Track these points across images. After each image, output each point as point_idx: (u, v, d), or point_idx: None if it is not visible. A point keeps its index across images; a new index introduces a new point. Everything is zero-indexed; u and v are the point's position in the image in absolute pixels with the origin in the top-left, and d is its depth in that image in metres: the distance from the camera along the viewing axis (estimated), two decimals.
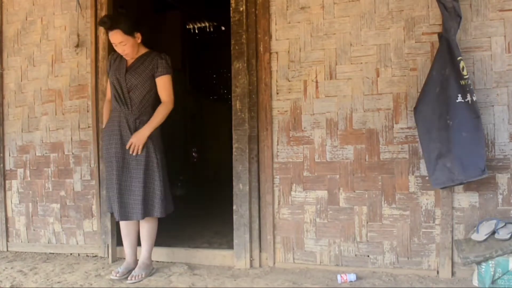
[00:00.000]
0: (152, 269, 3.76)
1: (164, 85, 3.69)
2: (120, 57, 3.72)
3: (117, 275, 3.61)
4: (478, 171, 3.15)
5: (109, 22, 3.55)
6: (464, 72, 3.20)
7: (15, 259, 4.37)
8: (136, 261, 3.77)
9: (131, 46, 3.61)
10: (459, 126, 3.17)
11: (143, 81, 3.64)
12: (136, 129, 3.62)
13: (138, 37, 3.65)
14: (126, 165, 3.61)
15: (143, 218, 3.62)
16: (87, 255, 4.13)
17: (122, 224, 3.76)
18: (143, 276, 3.61)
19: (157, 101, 3.73)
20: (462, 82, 3.18)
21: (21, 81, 4.66)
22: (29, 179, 4.61)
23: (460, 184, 3.25)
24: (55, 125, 4.48)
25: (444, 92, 3.22)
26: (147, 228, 3.72)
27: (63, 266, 4.04)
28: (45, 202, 4.54)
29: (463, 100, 3.17)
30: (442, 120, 3.22)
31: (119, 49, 3.61)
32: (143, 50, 3.72)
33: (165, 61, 3.69)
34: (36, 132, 4.58)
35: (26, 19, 4.65)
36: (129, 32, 3.57)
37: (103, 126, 3.80)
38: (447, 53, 3.24)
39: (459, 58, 3.21)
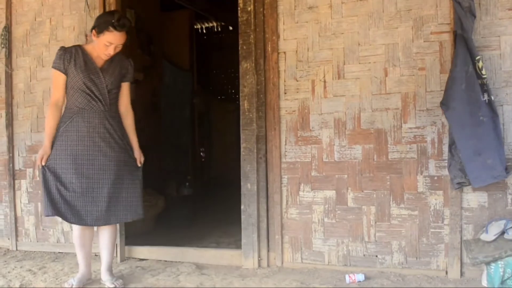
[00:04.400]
0: None
1: (128, 91, 3.65)
2: (78, 55, 3.45)
3: (72, 286, 3.48)
4: (503, 170, 3.18)
5: (128, 23, 3.42)
6: (483, 72, 3.20)
7: (24, 258, 4.40)
8: (90, 271, 3.67)
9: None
10: (488, 124, 3.18)
11: (117, 82, 3.54)
12: (111, 128, 3.48)
13: None
14: (110, 167, 3.47)
15: (131, 219, 3.62)
16: (95, 255, 4.13)
17: (80, 233, 3.56)
18: (120, 281, 3.55)
19: None
20: (480, 82, 3.20)
21: (30, 81, 4.68)
22: (38, 179, 4.62)
23: (502, 179, 3.24)
24: None
25: (471, 89, 3.21)
26: (114, 233, 3.67)
27: (72, 265, 4.06)
28: None
29: (483, 99, 3.17)
30: (473, 116, 3.20)
31: (110, 49, 3.39)
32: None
33: (132, 68, 3.64)
34: None
35: (35, 20, 4.67)
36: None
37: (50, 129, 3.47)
38: (466, 52, 3.23)
39: (477, 57, 3.22)
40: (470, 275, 3.37)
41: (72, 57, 3.42)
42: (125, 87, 3.62)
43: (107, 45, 3.38)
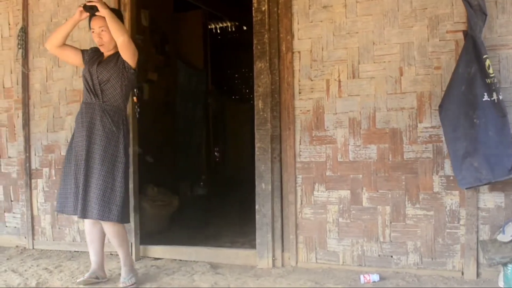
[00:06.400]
0: (136, 271, 3.68)
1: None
2: (94, 51, 3.69)
3: (84, 277, 3.55)
4: (505, 171, 3.11)
5: (96, 8, 3.47)
6: (490, 71, 3.16)
7: (41, 257, 4.44)
8: (102, 269, 3.68)
9: (110, 34, 3.51)
10: (485, 125, 3.14)
11: (109, 73, 3.53)
12: (99, 121, 3.50)
13: None
14: (91, 159, 3.48)
15: (100, 219, 3.47)
16: (111, 254, 4.17)
17: (87, 230, 3.66)
18: (133, 280, 3.53)
19: (127, 98, 3.71)
20: (488, 81, 3.15)
21: (46, 81, 4.72)
22: (54, 178, 4.67)
23: (488, 183, 3.21)
24: None
25: (470, 91, 3.18)
26: (116, 235, 3.55)
27: (87, 264, 4.08)
28: None
29: (489, 99, 3.14)
30: (468, 118, 3.18)
31: (96, 37, 3.56)
32: (117, 50, 3.61)
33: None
34: (61, 132, 4.64)
35: (51, 21, 4.71)
36: None
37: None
38: (472, 51, 3.20)
39: (485, 56, 3.18)
40: (486, 276, 3.34)
41: (90, 53, 3.68)
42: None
43: (92, 32, 3.59)
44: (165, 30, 6.47)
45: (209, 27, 8.71)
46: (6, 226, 4.93)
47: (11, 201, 4.91)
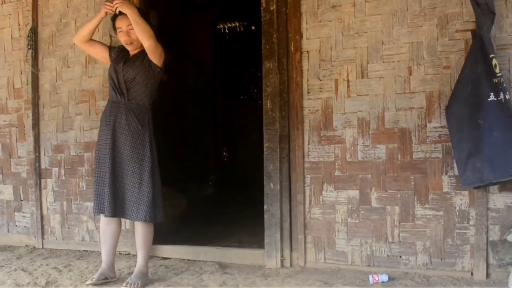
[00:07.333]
0: (147, 279, 3.59)
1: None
2: (120, 50, 3.71)
3: (93, 280, 3.51)
4: (509, 171, 3.09)
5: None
6: (497, 70, 3.14)
7: (50, 256, 4.46)
8: (112, 269, 3.65)
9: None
10: (490, 126, 3.11)
11: (141, 73, 3.54)
12: (125, 120, 3.51)
13: None
14: (118, 158, 3.52)
15: (129, 219, 3.55)
16: (120, 253, 4.18)
17: (101, 229, 3.69)
18: (139, 284, 3.46)
19: (153, 96, 3.67)
20: (495, 80, 3.13)
21: (56, 82, 4.74)
22: (63, 178, 4.70)
23: (490, 184, 3.19)
24: (89, 125, 4.56)
25: (476, 91, 3.16)
26: (141, 234, 3.58)
27: (96, 263, 4.10)
28: (79, 200, 4.62)
29: (495, 99, 3.11)
30: (473, 119, 3.16)
31: (124, 36, 3.56)
32: (143, 48, 3.59)
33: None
34: (71, 132, 4.67)
35: (61, 21, 4.73)
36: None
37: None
38: (479, 51, 3.18)
39: (491, 55, 3.15)
40: (496, 277, 3.32)
41: (117, 51, 3.72)
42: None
43: (119, 31, 3.60)
44: (174, 30, 6.49)
45: (218, 27, 8.72)
46: (16, 226, 4.97)
47: (21, 200, 4.94)
